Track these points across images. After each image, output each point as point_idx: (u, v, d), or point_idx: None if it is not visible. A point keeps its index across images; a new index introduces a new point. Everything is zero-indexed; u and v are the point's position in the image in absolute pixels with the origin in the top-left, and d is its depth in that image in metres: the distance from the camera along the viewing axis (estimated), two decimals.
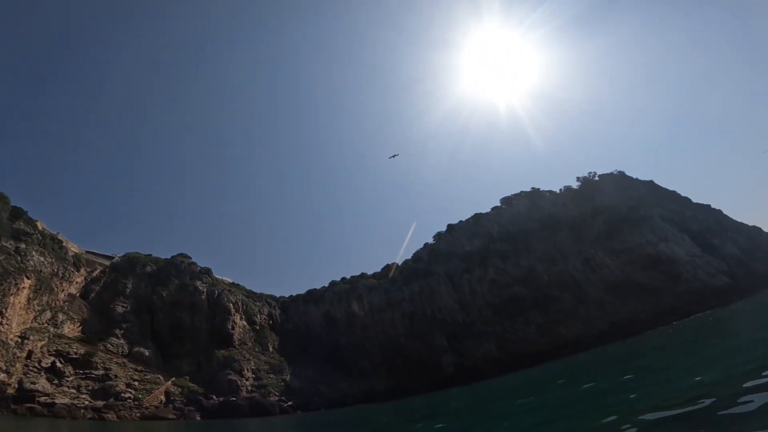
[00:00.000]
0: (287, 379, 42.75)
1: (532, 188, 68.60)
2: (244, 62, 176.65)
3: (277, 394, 38.99)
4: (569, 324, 49.70)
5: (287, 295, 62.06)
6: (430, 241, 67.18)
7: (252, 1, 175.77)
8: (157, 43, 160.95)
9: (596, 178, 73.76)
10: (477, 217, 65.65)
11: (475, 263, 58.07)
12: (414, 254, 65.86)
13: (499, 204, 68.37)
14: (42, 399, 24.13)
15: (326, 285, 63.77)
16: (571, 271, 55.40)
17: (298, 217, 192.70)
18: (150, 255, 52.43)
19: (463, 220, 66.10)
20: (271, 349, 48.27)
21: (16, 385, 24.67)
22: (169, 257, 53.30)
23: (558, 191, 70.54)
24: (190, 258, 54.61)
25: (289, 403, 37.69)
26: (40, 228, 42.93)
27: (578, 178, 73.02)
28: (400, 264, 65.45)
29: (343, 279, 65.99)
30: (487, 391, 24.90)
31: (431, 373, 48.59)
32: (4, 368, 25.48)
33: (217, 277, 55.62)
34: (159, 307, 45.88)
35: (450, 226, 65.85)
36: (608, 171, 75.23)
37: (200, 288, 50.40)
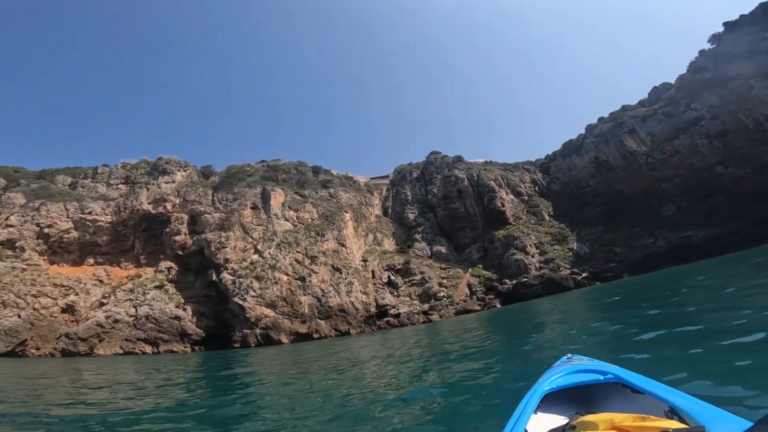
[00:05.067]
0: (573, 247, 41.54)
1: None
2: None
3: (567, 266, 38.95)
4: None
5: (543, 156, 57.06)
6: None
7: None
8: None
9: None
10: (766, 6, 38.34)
11: None
12: (689, 66, 47.18)
13: None
14: (392, 311, 34.57)
15: (582, 132, 53.95)
16: None
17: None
18: (410, 163, 59.86)
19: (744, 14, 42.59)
20: (546, 217, 47.38)
21: (374, 303, 36.30)
22: (424, 158, 59.09)
23: None
24: (441, 152, 58.37)
25: (584, 274, 36.94)
26: (335, 174, 56.75)
27: None
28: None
29: (601, 118, 53.41)
30: None
31: None
32: (363, 290, 37.64)
33: (469, 161, 57.35)
34: (435, 204, 53.08)
35: (729, 24, 44.94)
36: None
37: (460, 176, 53.82)
